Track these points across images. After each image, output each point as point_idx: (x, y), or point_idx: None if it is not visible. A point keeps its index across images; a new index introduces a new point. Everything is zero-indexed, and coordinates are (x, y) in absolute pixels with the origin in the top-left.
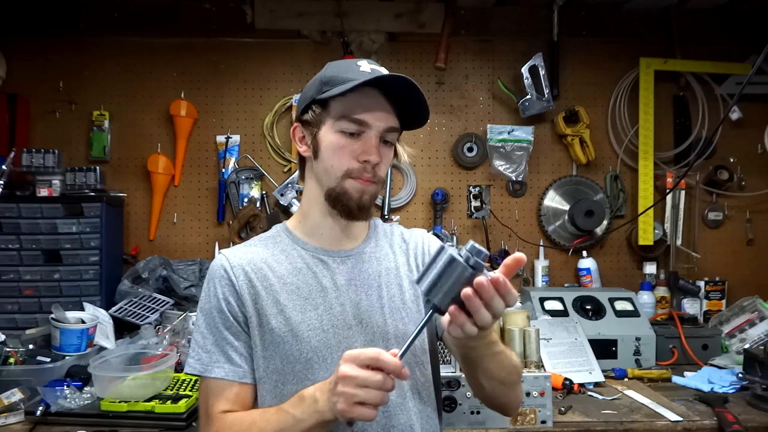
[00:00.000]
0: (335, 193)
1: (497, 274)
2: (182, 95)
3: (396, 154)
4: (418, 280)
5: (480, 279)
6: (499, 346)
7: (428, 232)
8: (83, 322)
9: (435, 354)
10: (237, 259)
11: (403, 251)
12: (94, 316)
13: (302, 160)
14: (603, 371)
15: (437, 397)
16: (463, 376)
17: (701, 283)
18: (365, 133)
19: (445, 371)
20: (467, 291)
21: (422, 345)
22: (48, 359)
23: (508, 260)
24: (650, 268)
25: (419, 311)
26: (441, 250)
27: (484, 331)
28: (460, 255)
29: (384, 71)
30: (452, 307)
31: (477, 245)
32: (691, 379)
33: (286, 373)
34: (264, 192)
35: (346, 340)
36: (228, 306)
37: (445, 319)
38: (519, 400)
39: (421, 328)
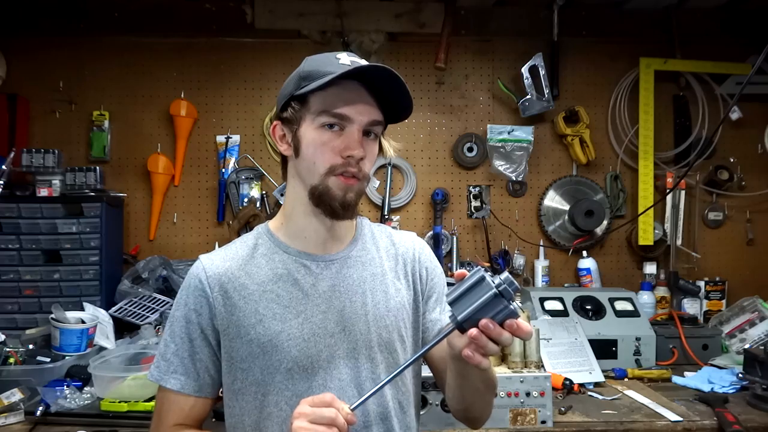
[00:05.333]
0: (318, 191)
1: (519, 312)
2: (182, 95)
3: (381, 149)
4: (452, 302)
5: (511, 322)
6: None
7: (425, 235)
8: (83, 322)
9: (418, 363)
10: (214, 267)
11: (391, 255)
12: (94, 316)
13: (284, 159)
14: (603, 371)
15: (416, 406)
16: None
17: (701, 283)
18: (347, 128)
19: None
20: (487, 323)
21: (404, 355)
22: (48, 359)
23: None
24: (650, 268)
25: (404, 318)
26: (482, 279)
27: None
28: (499, 289)
29: (363, 63)
30: (475, 331)
31: (511, 277)
32: (691, 379)
33: (266, 384)
34: (264, 192)
35: (327, 348)
36: (198, 317)
37: (453, 342)
38: (489, 414)
39: (440, 340)
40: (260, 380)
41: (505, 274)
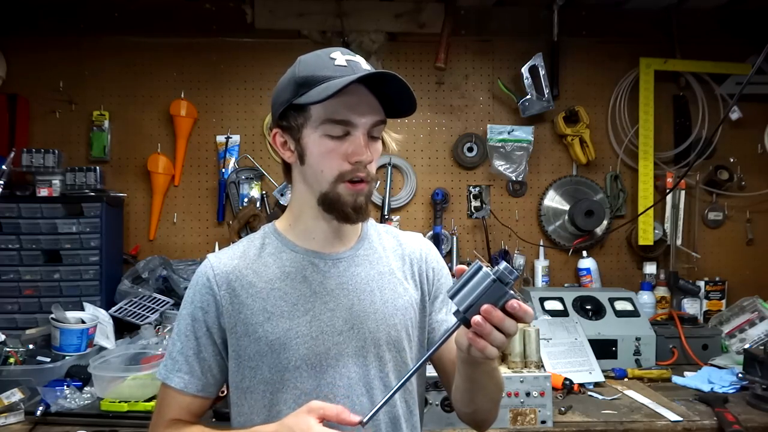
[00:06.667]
0: (329, 198)
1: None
2: (182, 95)
3: (384, 144)
4: (453, 296)
5: (513, 303)
6: (495, 362)
7: (425, 235)
8: (83, 322)
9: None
10: (222, 266)
11: (398, 255)
12: (94, 316)
13: (286, 163)
14: (603, 371)
15: (420, 406)
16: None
17: (701, 283)
18: (352, 133)
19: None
20: (488, 308)
21: (411, 354)
22: (48, 359)
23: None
24: (650, 268)
25: (411, 317)
26: (479, 268)
27: (500, 350)
28: (497, 275)
29: (359, 61)
30: (478, 317)
31: (510, 266)
32: (691, 379)
33: (275, 382)
34: (264, 192)
35: (336, 346)
36: (204, 315)
37: (461, 341)
38: (496, 416)
39: (447, 338)
40: (269, 378)
41: (503, 264)
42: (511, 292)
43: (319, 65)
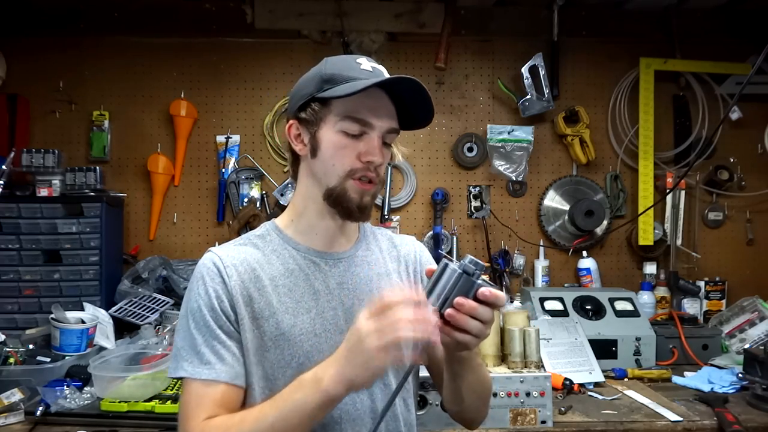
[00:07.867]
0: (335, 193)
1: (488, 286)
2: (182, 95)
3: (392, 154)
4: (427, 295)
5: (483, 290)
6: (479, 358)
7: (425, 235)
8: (83, 322)
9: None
10: (229, 258)
11: (393, 257)
12: (94, 316)
13: (296, 158)
14: (603, 371)
15: (415, 403)
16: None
17: (701, 283)
18: (368, 134)
19: None
20: (460, 300)
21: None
22: (48, 359)
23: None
24: (650, 268)
25: None
26: (446, 266)
27: (480, 337)
28: (462, 268)
29: (382, 69)
30: (450, 310)
31: (475, 258)
32: (691, 379)
33: (276, 378)
34: (264, 192)
35: (337, 344)
36: (220, 303)
37: (444, 338)
38: (485, 415)
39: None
40: (270, 375)
41: (468, 257)
42: (480, 281)
43: (346, 66)
